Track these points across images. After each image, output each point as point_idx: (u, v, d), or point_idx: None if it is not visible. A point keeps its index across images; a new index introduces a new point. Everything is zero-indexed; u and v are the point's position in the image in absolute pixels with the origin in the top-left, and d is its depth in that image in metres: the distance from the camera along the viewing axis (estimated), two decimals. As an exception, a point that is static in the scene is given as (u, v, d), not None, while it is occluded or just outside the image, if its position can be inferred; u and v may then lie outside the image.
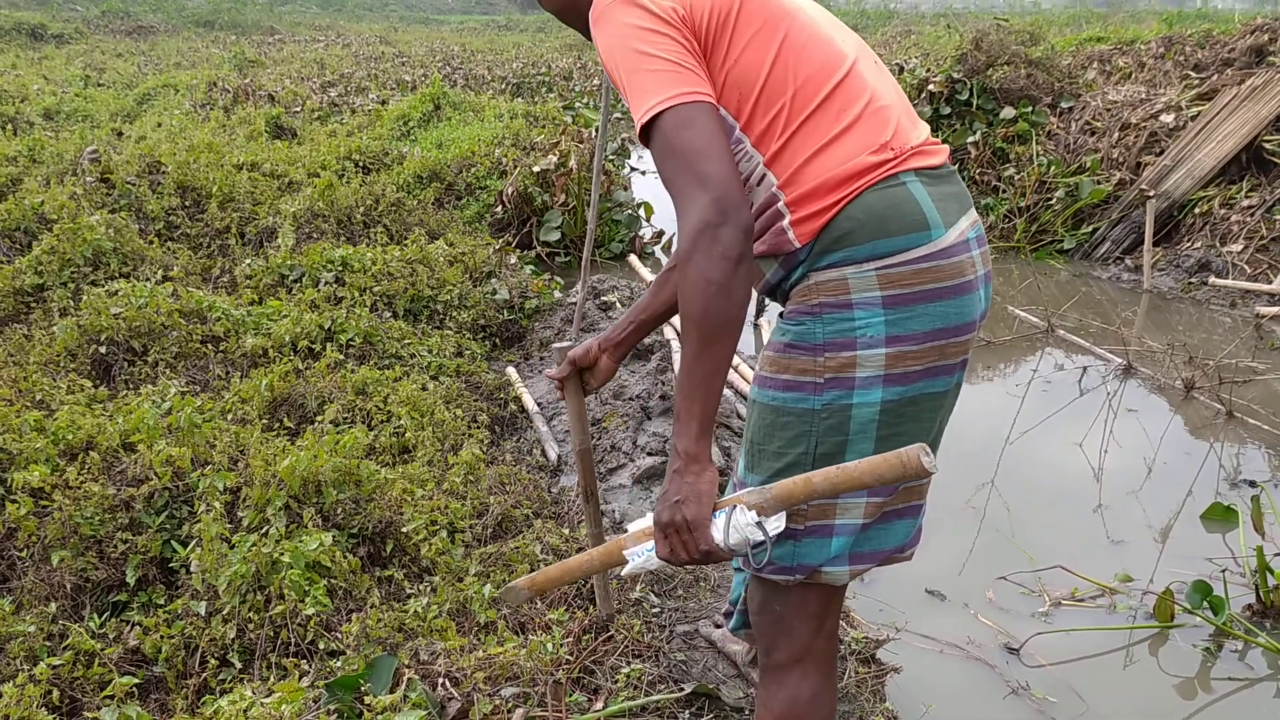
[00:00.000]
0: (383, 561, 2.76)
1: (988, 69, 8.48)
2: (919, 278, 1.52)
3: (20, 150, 7.65)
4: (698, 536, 1.49)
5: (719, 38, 1.54)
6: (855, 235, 1.52)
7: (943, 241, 1.54)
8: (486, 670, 2.20)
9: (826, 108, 1.54)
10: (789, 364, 1.59)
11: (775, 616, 1.71)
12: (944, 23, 20.17)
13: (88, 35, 28.88)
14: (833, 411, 1.56)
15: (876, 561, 1.70)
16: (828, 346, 1.55)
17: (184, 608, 2.38)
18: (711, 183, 1.42)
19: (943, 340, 1.56)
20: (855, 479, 1.44)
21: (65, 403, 3.32)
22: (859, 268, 1.52)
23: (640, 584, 2.78)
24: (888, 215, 1.52)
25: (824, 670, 1.73)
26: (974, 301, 1.59)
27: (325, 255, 5.17)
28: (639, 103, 1.48)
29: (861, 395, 1.55)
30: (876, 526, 1.66)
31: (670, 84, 1.47)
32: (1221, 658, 2.79)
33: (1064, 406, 4.50)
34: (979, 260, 1.62)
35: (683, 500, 1.49)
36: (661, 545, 1.54)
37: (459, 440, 3.61)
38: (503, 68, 20.08)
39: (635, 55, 1.49)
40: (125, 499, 2.65)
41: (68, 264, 4.80)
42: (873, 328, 1.52)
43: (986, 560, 3.28)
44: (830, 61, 1.57)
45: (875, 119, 1.56)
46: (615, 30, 1.52)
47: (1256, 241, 6.32)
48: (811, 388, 1.57)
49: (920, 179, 1.56)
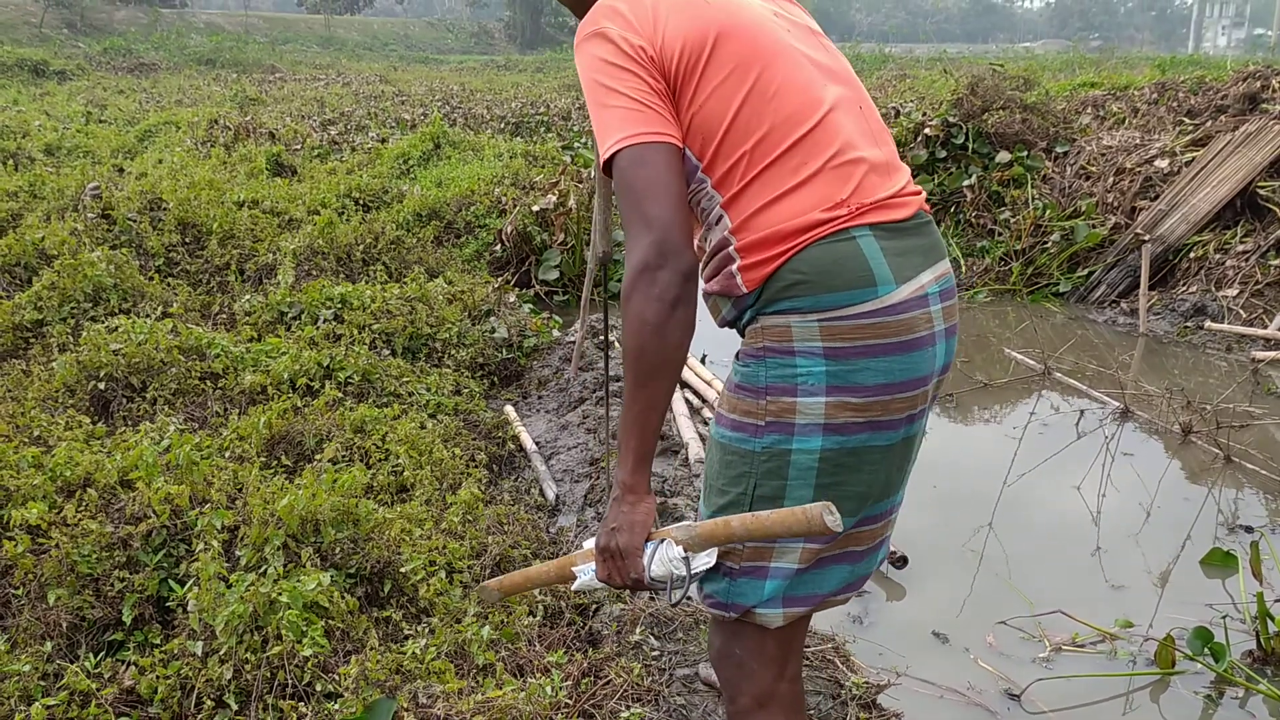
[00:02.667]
0: (381, 602, 2.74)
1: (983, 113, 8.56)
2: (861, 333, 1.53)
3: (21, 186, 7.67)
4: (629, 564, 1.55)
5: (687, 80, 1.56)
6: (799, 288, 1.53)
7: (891, 298, 1.54)
8: (485, 714, 2.18)
9: (786, 159, 1.55)
10: (736, 404, 1.61)
11: (736, 661, 1.71)
12: (939, 67, 20.37)
13: (90, 72, 29.07)
14: (772, 455, 1.57)
15: (810, 606, 1.68)
16: (769, 390, 1.56)
17: (180, 648, 2.36)
18: (655, 225, 1.46)
19: (886, 396, 1.55)
20: (767, 528, 1.49)
21: (63, 439, 3.31)
22: (803, 317, 1.53)
23: (640, 626, 2.77)
24: (832, 270, 1.52)
25: (789, 715, 1.73)
26: (925, 358, 1.59)
27: (324, 292, 5.18)
28: (602, 139, 1.53)
29: (801, 442, 1.55)
30: (812, 572, 1.65)
31: (631, 123, 1.51)
32: (1223, 705, 2.77)
33: (1061, 449, 4.50)
34: (938, 316, 1.61)
35: (618, 528, 1.56)
36: (600, 568, 1.61)
37: (457, 479, 3.60)
38: (502, 107, 20.21)
39: (602, 90, 1.54)
40: (123, 537, 2.63)
41: (68, 300, 4.80)
42: (814, 376, 1.53)
43: (986, 604, 3.27)
44: (800, 112, 1.57)
45: (837, 174, 1.56)
46: (588, 62, 1.58)
47: (1251, 286, 6.36)
48: (753, 429, 1.58)
49: (875, 234, 1.56)
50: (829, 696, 2.63)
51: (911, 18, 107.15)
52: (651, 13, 1.58)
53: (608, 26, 1.57)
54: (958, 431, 4.88)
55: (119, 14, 44.53)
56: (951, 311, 1.66)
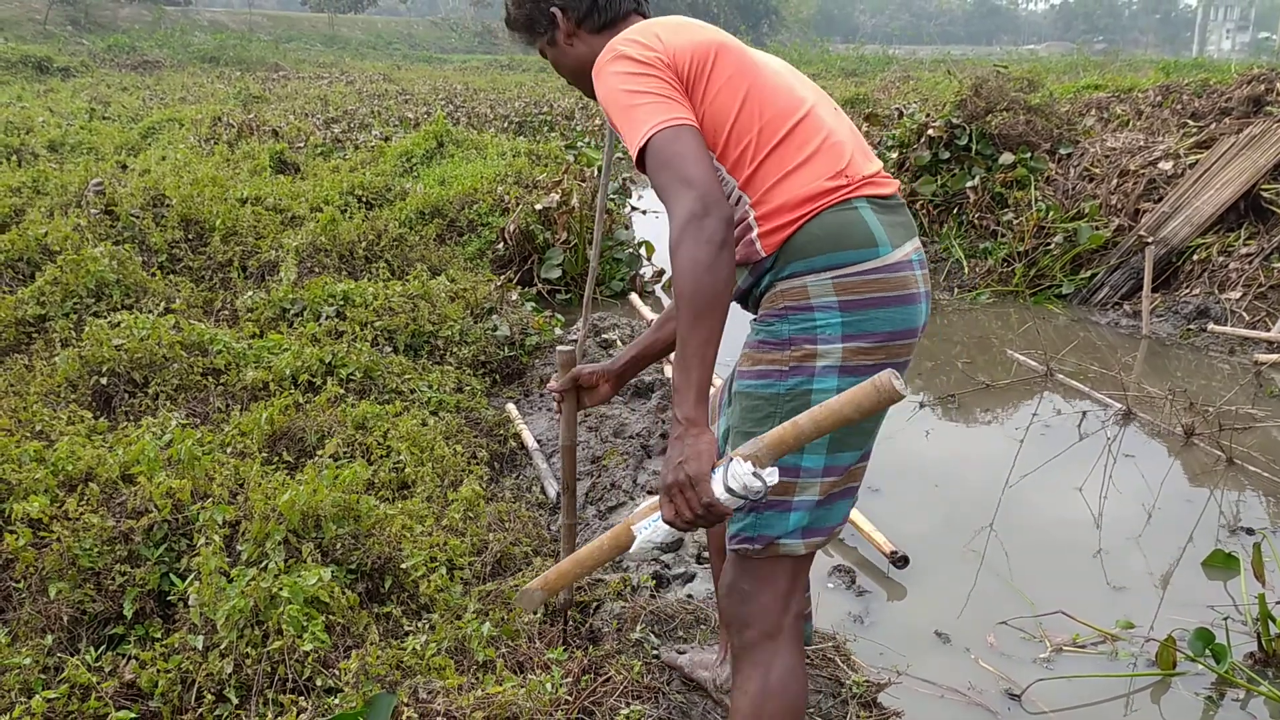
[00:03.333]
0: (381, 598, 2.74)
1: (987, 115, 8.55)
2: (869, 287, 1.77)
3: (24, 181, 7.69)
4: (700, 491, 1.62)
5: (697, 82, 1.82)
6: (812, 248, 1.77)
7: (890, 258, 1.79)
8: (485, 710, 2.18)
9: (789, 141, 1.81)
10: (761, 358, 1.83)
11: (743, 596, 1.89)
12: (942, 68, 20.36)
13: (94, 69, 29.13)
14: (795, 395, 1.79)
15: (825, 536, 1.90)
16: (793, 341, 1.79)
17: (181, 642, 2.36)
18: (696, 183, 1.66)
19: (892, 341, 1.79)
20: (837, 412, 1.58)
21: (65, 434, 3.31)
22: (817, 276, 1.77)
23: (641, 624, 2.77)
24: (841, 233, 1.77)
25: (794, 649, 1.90)
26: (918, 311, 1.84)
27: (327, 289, 5.18)
28: (633, 132, 1.74)
29: (820, 381, 1.78)
30: (825, 506, 1.86)
31: (659, 112, 1.74)
32: (1224, 706, 2.77)
33: (1063, 451, 4.50)
34: (921, 279, 1.86)
35: (684, 460, 1.64)
36: (667, 508, 1.67)
37: (458, 476, 3.60)
38: (505, 106, 20.23)
39: (628, 95, 1.77)
40: (124, 531, 2.63)
41: (70, 295, 4.81)
42: (831, 327, 1.77)
43: (987, 604, 3.26)
44: (790, 105, 1.85)
45: (831, 152, 1.82)
46: (610, 81, 1.81)
47: (1255, 289, 6.35)
48: (778, 374, 1.80)
49: (871, 205, 1.81)
50: (829, 695, 2.62)
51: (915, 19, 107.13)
52: (656, 37, 1.85)
53: (624, 48, 1.83)
54: (960, 432, 4.88)
55: (123, 11, 44.58)
56: (928, 278, 1.91)
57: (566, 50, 2.09)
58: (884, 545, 3.45)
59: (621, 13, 2.05)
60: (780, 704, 1.87)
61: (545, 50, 2.14)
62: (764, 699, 1.86)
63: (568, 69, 2.12)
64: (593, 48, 2.00)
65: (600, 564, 1.90)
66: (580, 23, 2.05)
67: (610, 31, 2.01)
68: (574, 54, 2.08)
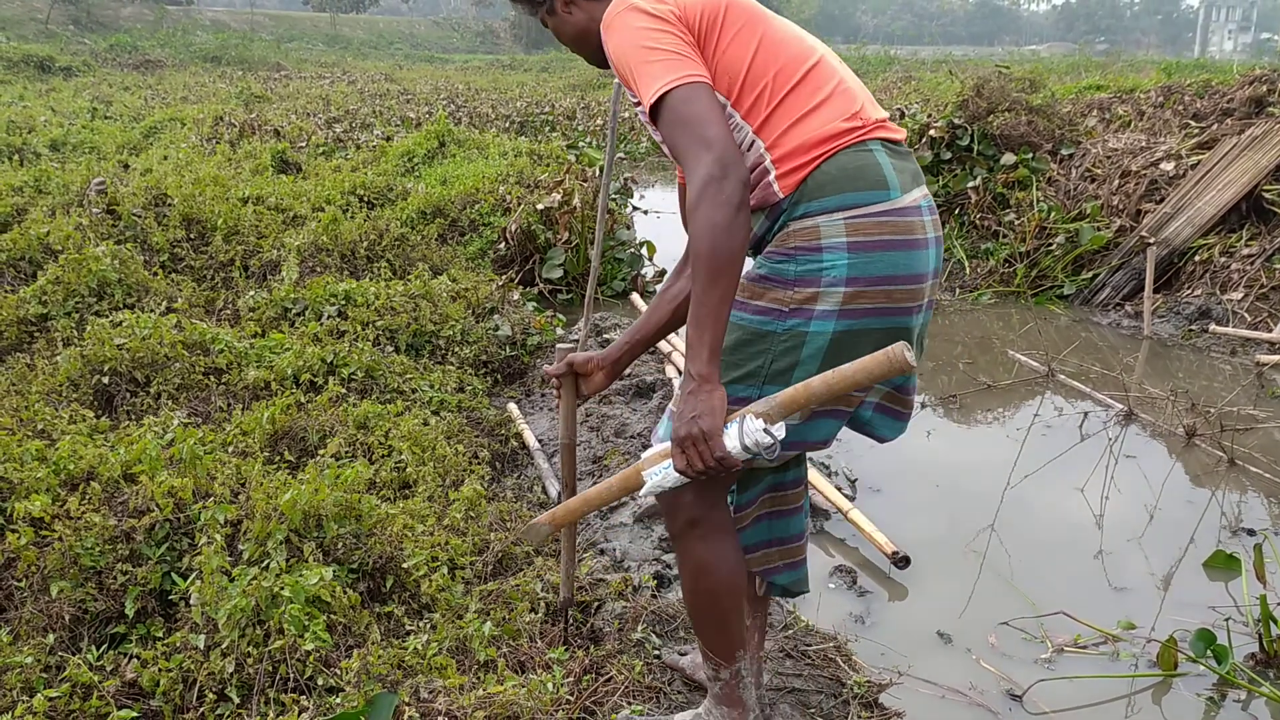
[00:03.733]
0: (382, 597, 2.74)
1: (989, 115, 8.55)
2: (879, 229, 1.83)
3: (26, 180, 7.70)
4: (713, 445, 1.71)
5: (709, 34, 1.87)
6: (828, 188, 1.83)
7: (900, 202, 1.85)
8: (487, 709, 2.18)
9: (803, 86, 1.87)
10: (763, 293, 1.88)
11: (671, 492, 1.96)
12: (944, 69, 20.36)
13: (95, 68, 29.14)
14: (791, 336, 1.86)
15: (800, 450, 2.05)
16: (798, 282, 1.84)
17: (182, 641, 2.36)
18: (715, 144, 1.71)
19: (891, 286, 1.84)
20: (849, 378, 1.67)
21: (67, 433, 3.32)
22: (830, 216, 1.82)
23: (642, 624, 2.77)
24: (856, 174, 1.83)
25: (720, 533, 2.03)
26: (924, 258, 1.89)
27: (329, 289, 5.18)
28: (648, 86, 1.78)
29: (817, 324, 1.84)
30: (805, 423, 1.94)
31: (674, 69, 1.78)
32: (1225, 707, 2.77)
33: (1065, 451, 4.49)
34: (929, 225, 1.92)
35: (698, 415, 1.72)
36: (679, 459, 1.76)
37: (460, 476, 3.60)
38: (507, 106, 20.24)
39: (643, 50, 1.81)
40: (126, 530, 2.63)
41: (72, 294, 4.81)
42: (837, 269, 1.82)
43: (988, 605, 3.26)
44: (802, 53, 1.91)
45: (845, 96, 1.89)
46: (624, 34, 1.85)
47: (1256, 290, 6.35)
48: (778, 315, 1.86)
49: (884, 149, 1.88)
50: (831, 695, 2.62)
51: (917, 20, 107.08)
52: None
53: (637, 1, 1.86)
54: (961, 432, 4.88)
55: (125, 10, 44.61)
56: (937, 224, 1.97)
57: (566, 18, 2.12)
58: (885, 546, 3.45)
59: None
60: (713, 581, 2.03)
61: (545, 20, 2.17)
62: (697, 576, 2.04)
63: (568, 36, 2.15)
64: (591, 14, 2.06)
65: (608, 503, 2.06)
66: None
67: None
68: (573, 21, 2.11)
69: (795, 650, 2.80)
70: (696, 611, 2.11)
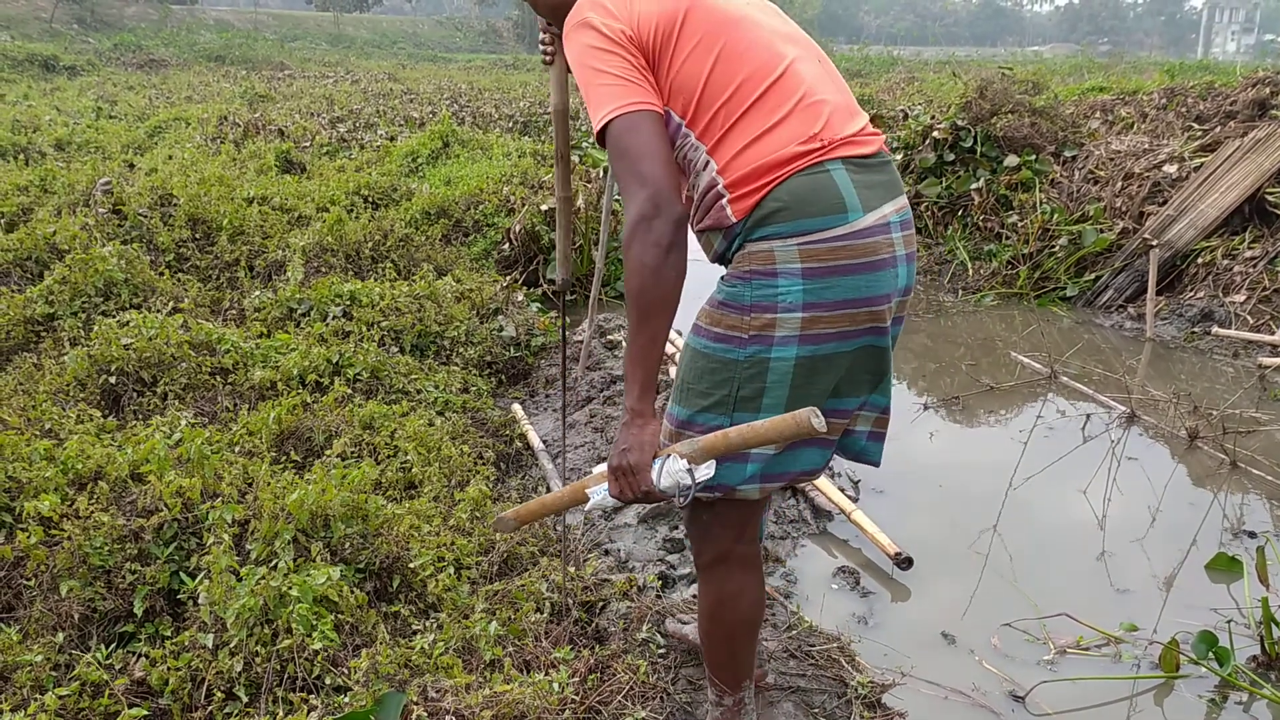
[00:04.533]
0: (389, 597, 2.76)
1: (992, 117, 8.56)
2: (834, 255, 1.79)
3: (32, 180, 7.70)
4: (640, 479, 1.79)
5: (663, 51, 1.83)
6: (781, 214, 1.79)
7: (860, 224, 1.80)
8: (494, 708, 2.20)
9: (760, 105, 1.81)
10: (721, 319, 1.87)
11: (703, 525, 2.06)
12: (947, 70, 20.36)
13: (100, 68, 29.17)
14: (753, 363, 1.84)
15: (785, 481, 2.01)
16: (753, 308, 1.82)
17: (191, 640, 2.38)
18: (649, 181, 1.71)
19: (852, 309, 1.82)
20: (762, 436, 1.71)
21: (74, 432, 3.34)
22: (784, 242, 1.79)
23: (647, 624, 2.78)
24: (809, 198, 1.78)
25: (746, 569, 2.09)
26: (886, 278, 1.84)
27: (334, 289, 5.20)
28: (594, 111, 1.78)
29: (779, 351, 1.82)
30: (786, 453, 1.94)
31: (620, 96, 1.77)
32: (1226, 709, 2.78)
33: (1067, 453, 4.51)
34: (899, 242, 1.88)
35: (629, 448, 1.79)
36: (613, 485, 1.85)
37: (465, 476, 3.61)
38: (510, 106, 20.23)
39: (592, 71, 1.79)
40: (134, 529, 2.65)
41: (79, 294, 4.83)
42: (792, 294, 1.79)
43: (991, 606, 3.28)
44: (766, 64, 1.84)
45: (807, 114, 1.82)
46: (577, 49, 1.83)
47: (1259, 292, 6.36)
48: (738, 341, 1.84)
49: (846, 167, 1.82)
50: (834, 695, 2.64)
51: (920, 21, 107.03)
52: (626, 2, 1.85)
53: (591, 16, 1.83)
54: (964, 434, 4.89)
55: (129, 10, 44.63)
56: (910, 240, 1.93)
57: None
58: (888, 547, 3.46)
59: None
60: (731, 614, 2.11)
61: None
62: (718, 608, 2.10)
63: (545, 5, 2.15)
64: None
65: (558, 511, 2.16)
66: None
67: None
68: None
69: (799, 650, 2.81)
70: (711, 640, 2.17)
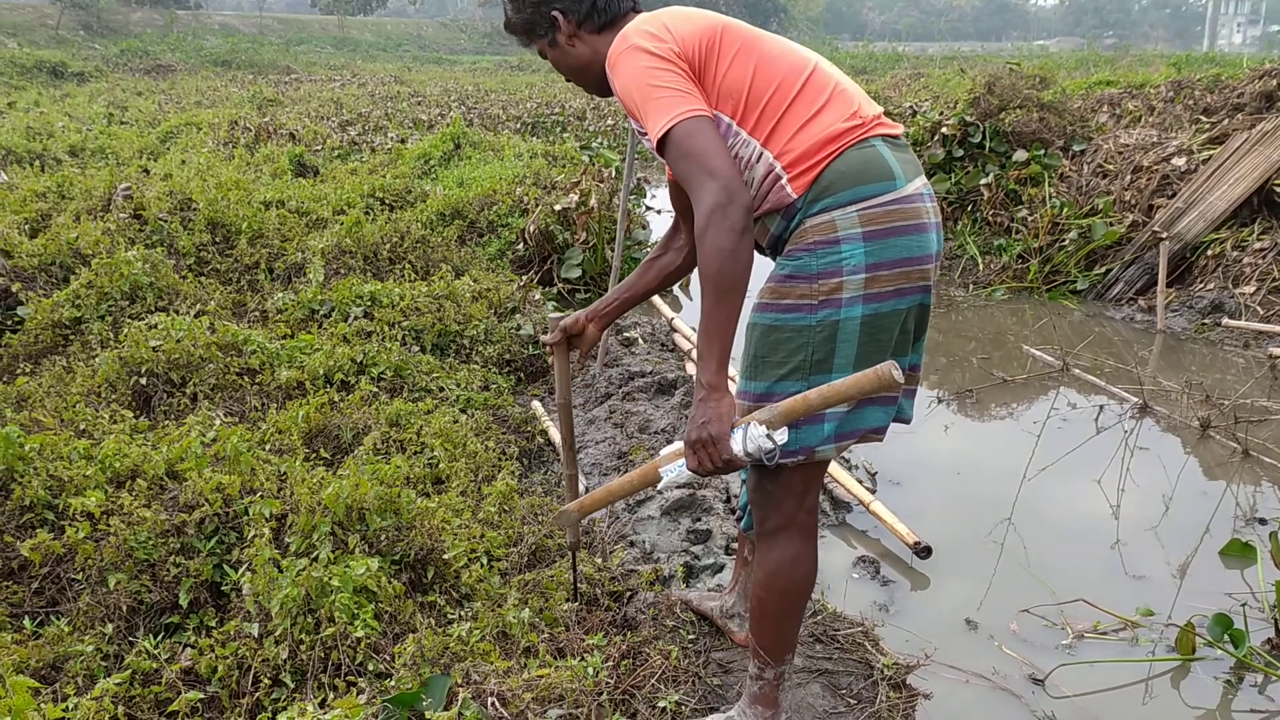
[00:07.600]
0: (424, 588, 2.83)
1: (1000, 112, 8.61)
2: (890, 217, 1.96)
3: (50, 186, 7.78)
4: (720, 449, 1.89)
5: (707, 63, 2.02)
6: (840, 183, 1.96)
7: (906, 190, 1.99)
8: (534, 691, 2.27)
9: (803, 95, 2.01)
10: (789, 291, 2.01)
11: (766, 493, 2.16)
12: (953, 65, 20.39)
13: (107, 74, 29.35)
14: (825, 326, 1.98)
15: (855, 438, 2.14)
16: (820, 275, 1.97)
17: (237, 629, 2.46)
18: (719, 174, 1.85)
19: (907, 267, 1.99)
20: (843, 393, 1.81)
21: (109, 432, 3.41)
22: (844, 210, 1.95)
23: (675, 612, 2.85)
24: (863, 169, 1.97)
25: (805, 537, 2.19)
26: (931, 240, 2.03)
27: (354, 290, 5.28)
28: (655, 122, 1.93)
29: (847, 311, 1.97)
30: (854, 411, 2.08)
31: (677, 105, 1.93)
32: (1242, 690, 2.84)
33: (1081, 444, 4.56)
34: (931, 210, 2.05)
35: (708, 421, 1.89)
36: (691, 460, 1.94)
37: (491, 471, 3.69)
38: (517, 107, 20.33)
39: (648, 88, 1.95)
40: (177, 524, 2.73)
41: (105, 298, 4.90)
42: (855, 258, 1.95)
43: (1009, 593, 3.34)
44: (797, 66, 2.04)
45: (842, 99, 2.03)
46: (629, 74, 2.00)
47: (1269, 283, 6.40)
48: (809, 309, 1.99)
49: (885, 143, 2.02)
50: (860, 677, 2.71)
51: (924, 16, 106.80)
52: (665, 28, 2.04)
53: (639, 41, 2.01)
54: (978, 426, 4.95)
55: (135, 15, 44.84)
56: (937, 210, 2.10)
57: (568, 51, 2.23)
58: (907, 536, 3.53)
59: (620, 11, 2.20)
60: (788, 579, 2.19)
61: (545, 51, 2.27)
62: (775, 573, 2.19)
63: (569, 68, 2.27)
64: (594, 47, 2.20)
65: (629, 494, 2.24)
66: (581, 24, 2.20)
67: (610, 30, 2.17)
68: (575, 54, 2.23)
69: (824, 635, 2.88)
70: (762, 608, 2.24)
